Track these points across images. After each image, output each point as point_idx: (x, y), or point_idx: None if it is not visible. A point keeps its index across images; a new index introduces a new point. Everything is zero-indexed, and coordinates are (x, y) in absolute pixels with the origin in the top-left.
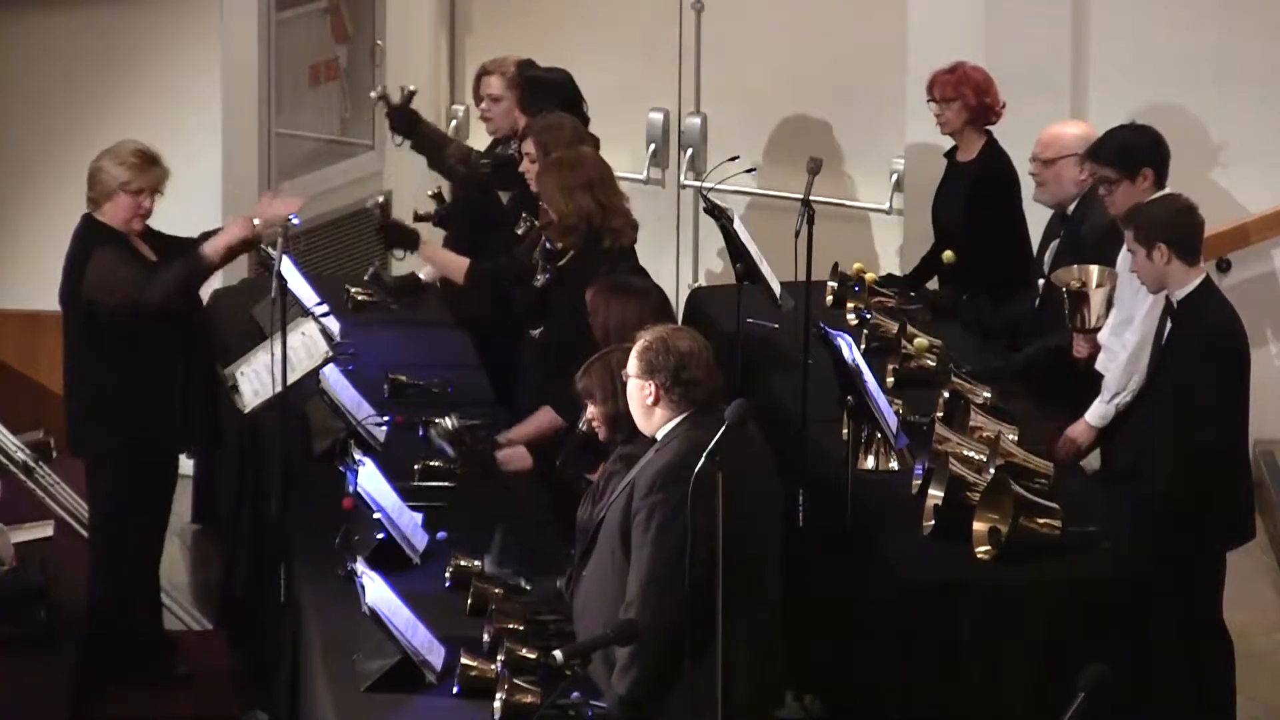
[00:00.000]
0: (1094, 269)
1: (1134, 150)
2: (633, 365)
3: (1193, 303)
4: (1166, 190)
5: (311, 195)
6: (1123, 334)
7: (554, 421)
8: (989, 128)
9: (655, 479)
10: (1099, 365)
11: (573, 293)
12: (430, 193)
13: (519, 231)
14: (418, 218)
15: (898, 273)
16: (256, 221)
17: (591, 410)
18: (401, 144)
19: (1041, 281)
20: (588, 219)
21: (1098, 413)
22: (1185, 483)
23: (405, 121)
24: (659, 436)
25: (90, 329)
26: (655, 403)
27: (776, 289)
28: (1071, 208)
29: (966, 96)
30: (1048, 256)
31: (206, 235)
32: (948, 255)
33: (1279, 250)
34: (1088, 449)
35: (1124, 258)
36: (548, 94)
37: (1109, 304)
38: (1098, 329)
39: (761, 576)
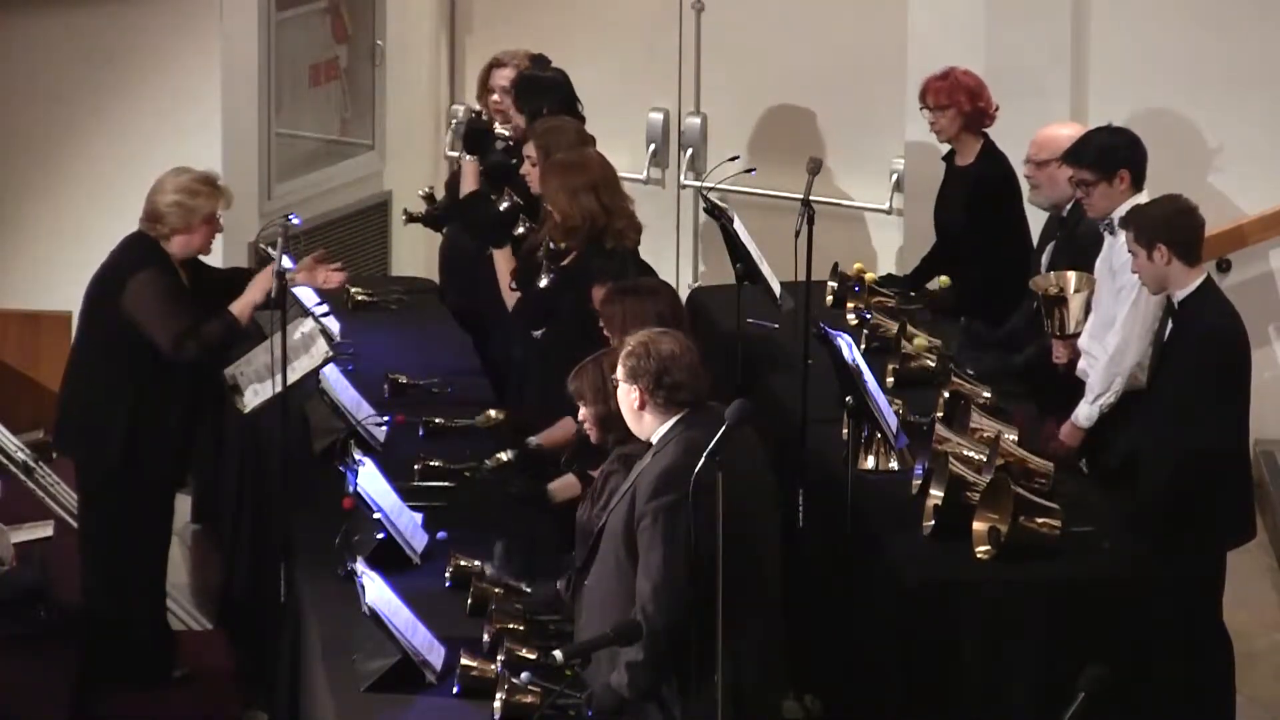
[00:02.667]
0: (1071, 275)
1: (1111, 152)
2: (620, 370)
3: (1194, 303)
4: (1146, 191)
5: (311, 195)
6: (1103, 338)
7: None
8: (985, 130)
9: (658, 482)
10: (1080, 370)
11: (575, 294)
12: (421, 193)
13: (517, 234)
14: (410, 218)
15: (897, 273)
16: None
17: (583, 412)
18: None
19: None
20: (591, 220)
21: (1084, 414)
22: (1186, 482)
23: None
24: (654, 440)
25: (111, 337)
26: (642, 407)
27: (776, 289)
28: (1067, 209)
29: (960, 103)
30: (1045, 258)
31: (240, 271)
32: (943, 280)
33: (1278, 251)
34: (1077, 449)
35: (1103, 260)
36: (545, 94)
37: (1087, 309)
38: (1077, 334)
39: (765, 575)
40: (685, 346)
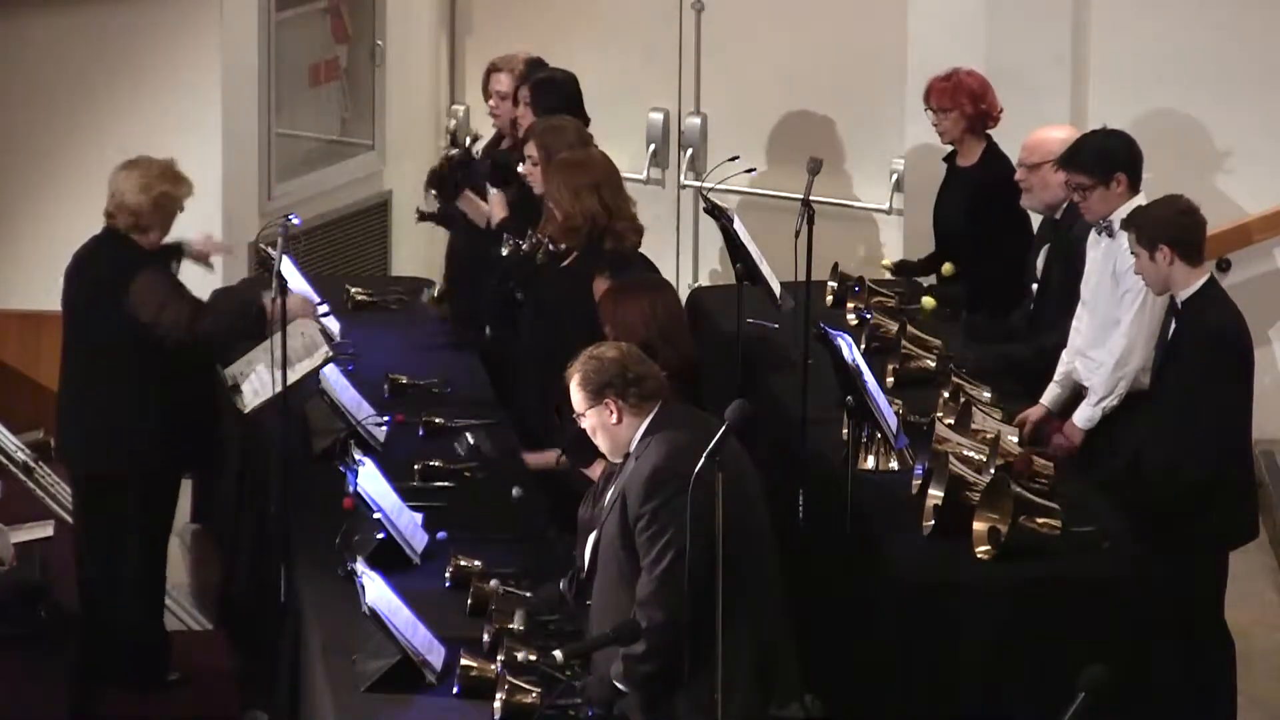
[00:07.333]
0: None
1: (1107, 156)
2: (581, 403)
3: (1198, 303)
4: (1144, 193)
5: (311, 195)
6: (1101, 341)
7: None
8: (989, 132)
9: (648, 484)
10: (1081, 376)
11: (576, 295)
12: (434, 191)
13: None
14: (422, 216)
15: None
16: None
17: None
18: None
19: (1035, 285)
20: (592, 220)
21: (1085, 415)
22: (1190, 482)
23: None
24: (633, 446)
25: (111, 340)
26: (620, 419)
27: (776, 289)
28: (1060, 212)
29: (964, 105)
30: (1039, 262)
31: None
32: (947, 268)
33: (1279, 250)
34: (1077, 449)
35: (1099, 262)
36: (557, 94)
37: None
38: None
39: (761, 575)
40: (623, 347)
